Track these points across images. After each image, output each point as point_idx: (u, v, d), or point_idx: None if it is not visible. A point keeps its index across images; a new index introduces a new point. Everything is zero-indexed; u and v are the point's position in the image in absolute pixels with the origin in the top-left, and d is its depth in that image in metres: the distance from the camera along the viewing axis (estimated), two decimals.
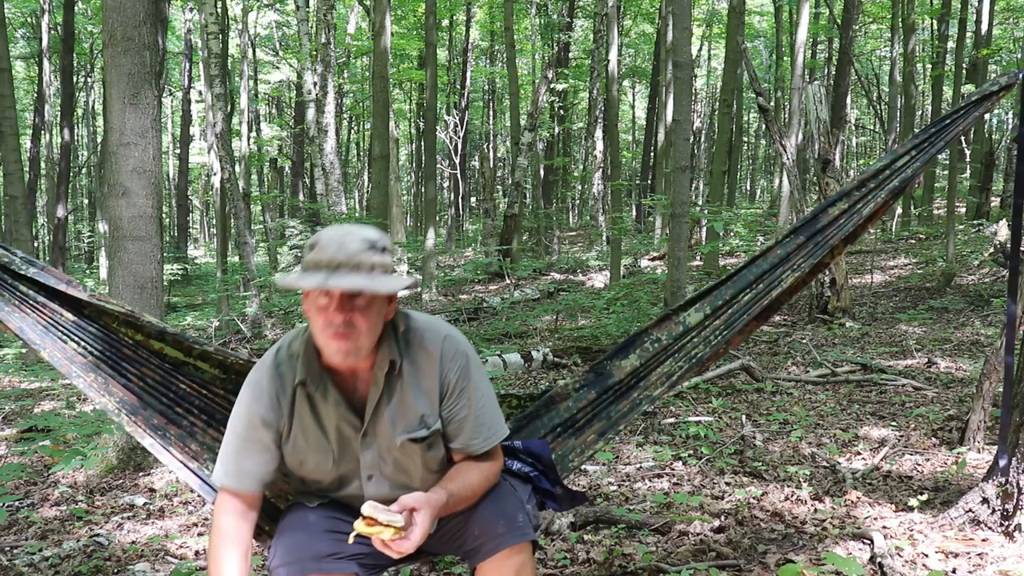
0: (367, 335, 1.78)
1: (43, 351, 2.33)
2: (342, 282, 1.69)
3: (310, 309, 1.79)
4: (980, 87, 2.71)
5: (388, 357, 1.86)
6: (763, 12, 25.90)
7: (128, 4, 4.37)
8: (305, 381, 1.86)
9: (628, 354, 2.56)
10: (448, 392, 1.90)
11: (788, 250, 2.62)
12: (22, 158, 9.80)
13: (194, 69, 22.22)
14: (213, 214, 24.78)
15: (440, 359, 1.89)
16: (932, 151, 2.67)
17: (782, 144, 8.61)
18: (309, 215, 15.49)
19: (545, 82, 15.46)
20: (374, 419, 1.88)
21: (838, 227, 2.63)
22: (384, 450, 1.90)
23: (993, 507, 2.79)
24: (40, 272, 2.35)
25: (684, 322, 2.58)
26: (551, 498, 2.14)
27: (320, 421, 1.88)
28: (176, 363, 2.38)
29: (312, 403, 1.88)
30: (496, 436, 1.95)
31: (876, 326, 8.18)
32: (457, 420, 1.91)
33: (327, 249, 1.73)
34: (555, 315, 10.16)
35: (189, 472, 2.31)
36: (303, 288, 1.74)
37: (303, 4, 13.38)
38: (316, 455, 1.90)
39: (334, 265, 1.71)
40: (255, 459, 1.89)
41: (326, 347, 1.80)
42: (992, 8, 15.14)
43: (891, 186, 2.65)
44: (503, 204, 18.88)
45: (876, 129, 28.26)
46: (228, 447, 1.92)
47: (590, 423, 2.52)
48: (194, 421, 2.35)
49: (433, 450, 1.92)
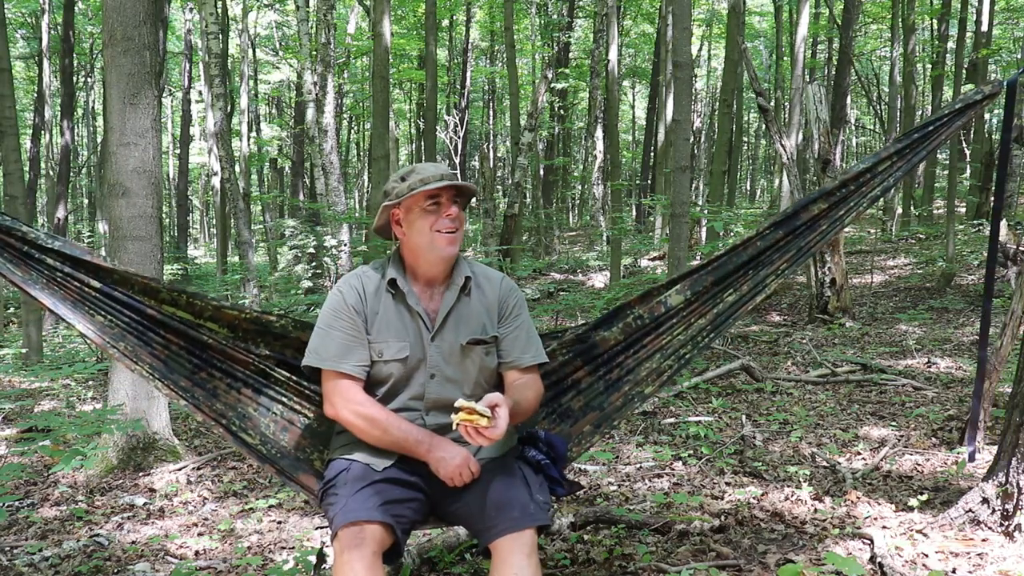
0: (461, 232, 2.21)
1: (77, 325, 2.45)
2: (456, 182, 2.18)
3: (415, 218, 2.19)
4: (966, 94, 2.71)
5: (463, 273, 2.28)
6: (763, 12, 25.89)
7: (128, 4, 4.37)
8: (395, 280, 2.24)
9: (612, 326, 2.64)
10: (506, 314, 2.32)
11: (768, 243, 2.66)
12: (22, 158, 9.79)
13: (194, 69, 22.20)
14: (213, 214, 24.79)
15: (500, 287, 2.34)
16: (915, 159, 2.68)
17: (782, 144, 8.61)
18: (309, 215, 15.47)
19: (545, 82, 15.43)
20: (443, 324, 2.25)
21: (820, 232, 2.67)
22: (447, 352, 2.24)
23: (993, 507, 2.79)
24: (65, 244, 2.45)
25: (665, 302, 2.64)
26: (557, 484, 2.32)
27: (402, 315, 2.25)
28: (193, 325, 2.49)
29: (396, 300, 2.25)
30: (540, 356, 2.36)
31: (876, 326, 8.18)
32: (511, 337, 2.31)
33: (427, 170, 2.20)
34: (555, 315, 10.15)
35: (223, 428, 2.47)
36: (426, 190, 2.15)
37: (303, 4, 13.37)
38: (396, 343, 2.22)
39: (438, 177, 2.18)
40: (354, 343, 2.21)
41: (435, 243, 2.18)
42: (992, 8, 15.14)
43: (872, 194, 2.69)
44: (503, 204, 18.88)
45: (876, 129, 28.26)
46: (322, 341, 2.23)
47: (583, 411, 2.62)
48: (216, 384, 2.50)
49: (489, 358, 2.29)
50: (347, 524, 2.02)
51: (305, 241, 10.45)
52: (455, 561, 3.01)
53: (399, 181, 2.22)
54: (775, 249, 2.67)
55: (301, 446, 2.49)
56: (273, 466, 2.46)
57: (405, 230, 2.23)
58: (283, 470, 2.46)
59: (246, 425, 2.47)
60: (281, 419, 2.50)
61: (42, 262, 2.43)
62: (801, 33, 13.08)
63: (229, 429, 2.46)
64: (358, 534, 2.00)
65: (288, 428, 2.50)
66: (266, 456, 2.47)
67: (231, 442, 2.48)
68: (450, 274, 2.28)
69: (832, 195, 2.67)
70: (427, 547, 3.05)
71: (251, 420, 2.48)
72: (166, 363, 2.47)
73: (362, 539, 2.00)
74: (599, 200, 18.84)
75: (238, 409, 2.49)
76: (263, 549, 3.36)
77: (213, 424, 2.47)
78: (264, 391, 2.51)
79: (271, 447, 2.47)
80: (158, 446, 4.67)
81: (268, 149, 23.77)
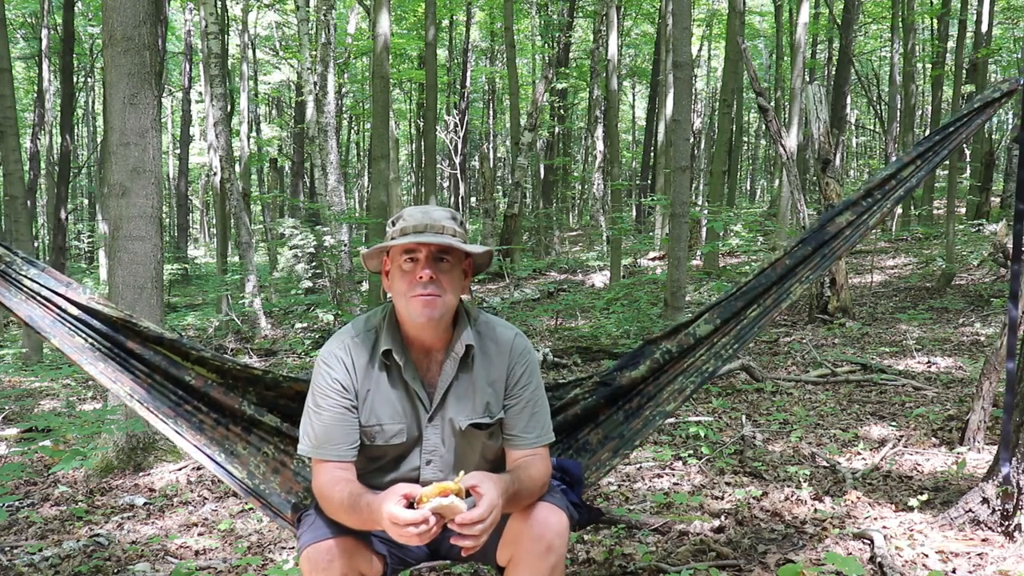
0: (450, 295, 1.88)
1: (54, 339, 2.38)
2: (431, 238, 1.83)
3: (395, 275, 1.90)
4: (982, 92, 2.71)
5: (464, 341, 1.95)
6: (763, 12, 25.89)
7: (128, 4, 4.37)
8: (390, 351, 1.93)
9: (638, 366, 2.54)
10: (512, 384, 1.99)
11: (796, 260, 2.62)
12: (22, 158, 9.79)
13: (194, 69, 22.21)
14: (213, 214, 24.77)
15: (510, 353, 1.99)
16: (936, 160, 2.68)
17: (782, 144, 8.61)
18: (309, 215, 15.46)
19: (545, 82, 15.44)
20: (442, 401, 1.96)
21: (844, 238, 2.64)
22: (447, 434, 1.97)
23: (993, 507, 2.79)
24: (40, 274, 2.39)
25: (695, 333, 2.56)
26: (576, 508, 2.15)
27: (398, 393, 1.95)
28: (177, 364, 2.41)
29: (391, 374, 1.95)
30: (547, 436, 2.02)
31: (876, 326, 8.18)
32: (514, 411, 1.99)
33: (413, 217, 1.89)
34: (555, 315, 10.15)
35: (205, 456, 2.37)
36: (396, 245, 1.85)
37: (303, 4, 13.36)
38: (391, 426, 1.94)
39: (420, 228, 1.86)
40: (338, 427, 1.92)
41: (410, 308, 1.87)
42: (992, 8, 15.14)
43: (896, 195, 2.67)
44: (503, 204, 18.88)
45: (876, 129, 28.25)
46: (310, 422, 1.94)
47: (602, 443, 2.51)
48: (203, 419, 2.41)
49: (493, 439, 2.00)
50: (313, 543, 1.80)
51: (305, 241, 10.45)
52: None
53: (391, 224, 1.92)
54: (803, 263, 2.63)
55: (293, 490, 2.37)
56: (259, 500, 2.36)
57: (392, 285, 1.93)
58: (269, 506, 2.35)
59: (233, 461, 2.38)
60: (273, 460, 2.40)
61: (19, 282, 2.38)
62: (801, 33, 13.08)
63: (214, 460, 2.36)
64: (325, 553, 1.78)
65: (280, 470, 2.40)
66: (252, 490, 2.36)
67: (214, 471, 2.37)
68: (450, 338, 1.96)
69: (858, 205, 2.65)
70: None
71: (240, 458, 2.38)
72: (148, 391, 2.39)
73: (330, 560, 1.77)
74: (599, 200, 18.83)
75: (225, 446, 2.39)
76: (263, 549, 3.36)
77: (197, 452, 2.37)
78: (254, 431, 2.42)
79: (258, 483, 2.37)
80: (158, 446, 4.67)
81: (268, 149, 23.77)
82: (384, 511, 1.66)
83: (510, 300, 11.98)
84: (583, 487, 2.24)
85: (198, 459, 2.39)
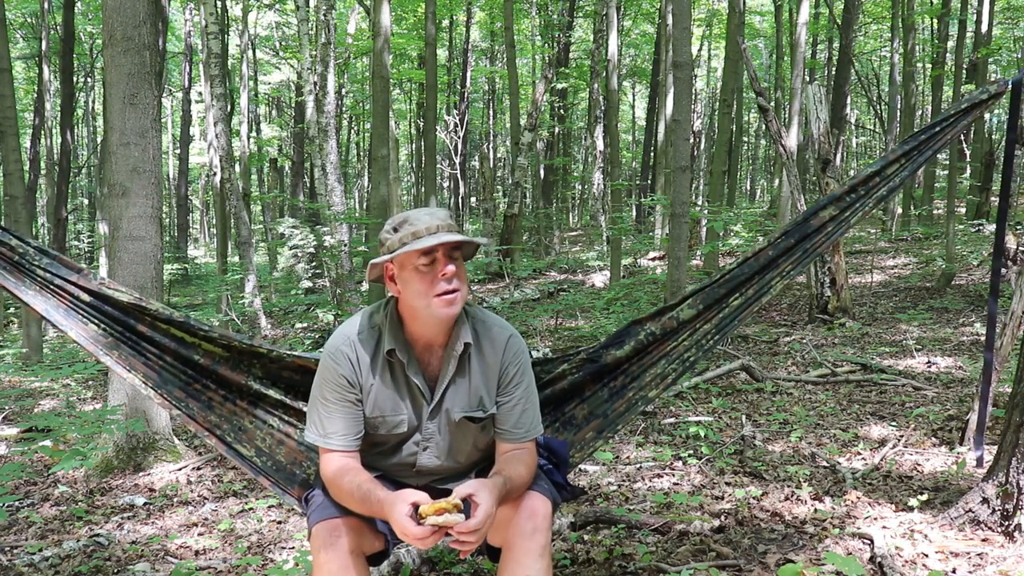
0: (465, 289, 1.98)
1: (70, 331, 2.48)
2: (450, 236, 1.91)
3: (409, 278, 1.95)
4: (971, 93, 2.71)
5: (463, 339, 2.05)
6: (763, 12, 25.89)
7: (128, 4, 4.37)
8: (394, 350, 2.03)
9: (623, 345, 2.63)
10: (505, 382, 2.10)
11: (779, 251, 2.68)
12: (22, 158, 9.79)
13: (194, 69, 22.21)
14: (213, 214, 24.78)
15: (504, 351, 2.10)
16: (921, 159, 2.70)
17: (782, 144, 8.61)
18: (309, 215, 15.46)
19: (545, 82, 15.45)
20: (442, 397, 2.07)
21: (826, 234, 2.69)
22: (443, 424, 2.09)
23: (993, 507, 2.79)
24: (52, 263, 2.49)
25: (678, 317, 2.65)
26: (561, 488, 2.27)
27: (399, 386, 2.07)
28: (186, 343, 2.52)
29: (394, 370, 2.06)
30: (535, 431, 2.15)
31: (876, 326, 8.18)
32: (506, 407, 2.10)
33: (422, 220, 1.95)
34: (555, 315, 10.15)
35: (216, 439, 2.49)
36: (419, 248, 1.90)
37: (303, 4, 13.37)
38: (393, 418, 2.07)
39: (434, 230, 1.93)
40: (344, 418, 2.04)
41: (432, 307, 1.94)
42: (992, 8, 15.13)
43: (878, 194, 2.71)
44: (503, 204, 18.88)
45: (876, 129, 28.26)
46: (317, 412, 2.06)
47: (587, 420, 2.61)
48: (211, 396, 2.52)
49: (484, 432, 2.13)
50: (321, 520, 1.96)
51: (305, 241, 10.45)
52: (455, 561, 3.02)
53: (391, 232, 1.98)
54: (785, 255, 2.69)
55: (297, 460, 2.50)
56: (267, 478, 2.48)
57: (400, 288, 2.00)
58: (277, 483, 2.47)
59: (241, 437, 2.49)
60: (278, 432, 2.52)
61: (33, 272, 2.47)
62: (801, 33, 13.08)
63: (224, 440, 2.48)
64: (333, 531, 1.93)
65: (284, 441, 2.52)
66: (260, 468, 2.49)
67: (224, 453, 2.50)
68: (449, 335, 2.06)
69: (842, 200, 2.69)
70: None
71: (247, 433, 2.51)
72: (159, 373, 2.51)
73: (337, 537, 1.93)
74: (599, 200, 18.83)
75: (233, 421, 2.51)
76: (263, 549, 3.36)
77: (207, 435, 2.49)
78: (259, 404, 2.53)
79: (266, 460, 2.50)
80: (158, 446, 4.67)
81: (268, 149, 23.77)
82: (395, 519, 1.79)
83: (510, 300, 11.98)
84: (568, 467, 2.35)
85: (208, 442, 2.51)
